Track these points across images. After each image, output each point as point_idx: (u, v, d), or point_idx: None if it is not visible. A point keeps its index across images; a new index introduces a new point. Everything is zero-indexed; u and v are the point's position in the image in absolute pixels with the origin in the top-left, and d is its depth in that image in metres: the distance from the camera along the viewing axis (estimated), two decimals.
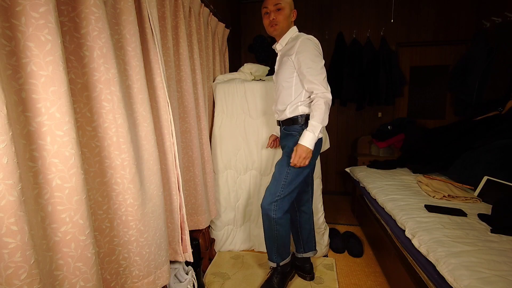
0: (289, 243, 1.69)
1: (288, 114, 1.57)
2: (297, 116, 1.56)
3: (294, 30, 1.59)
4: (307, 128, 1.45)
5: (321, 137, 1.58)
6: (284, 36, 1.59)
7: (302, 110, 1.55)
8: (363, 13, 3.27)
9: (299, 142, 1.46)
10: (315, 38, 1.53)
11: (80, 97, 0.89)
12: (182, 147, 1.70)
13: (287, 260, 1.71)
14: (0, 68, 0.62)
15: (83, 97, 0.89)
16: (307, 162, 1.46)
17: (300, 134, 1.52)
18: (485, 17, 2.86)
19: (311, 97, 1.50)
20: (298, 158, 1.45)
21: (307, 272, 1.82)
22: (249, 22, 3.51)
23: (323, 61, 1.50)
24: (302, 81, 1.51)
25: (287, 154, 1.55)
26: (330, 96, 1.46)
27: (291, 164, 1.48)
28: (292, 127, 1.58)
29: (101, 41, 0.88)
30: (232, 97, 2.10)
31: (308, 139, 1.44)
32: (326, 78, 1.47)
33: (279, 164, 1.59)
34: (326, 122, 1.46)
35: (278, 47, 1.63)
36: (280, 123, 1.67)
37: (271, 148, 1.98)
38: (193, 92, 1.69)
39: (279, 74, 1.61)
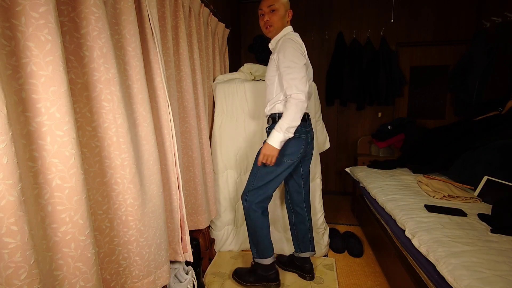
0: (267, 243, 1.67)
1: (268, 111, 1.62)
2: (275, 114, 1.58)
3: (287, 29, 1.59)
4: (275, 127, 1.43)
5: (303, 138, 1.55)
6: (276, 36, 1.61)
7: (278, 108, 1.56)
8: (363, 13, 3.27)
9: (266, 140, 1.47)
10: (298, 38, 1.51)
11: (80, 97, 0.89)
12: (182, 147, 1.70)
13: (267, 261, 1.68)
14: (0, 68, 0.62)
15: (83, 97, 0.89)
16: (273, 161, 1.46)
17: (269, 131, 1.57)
18: (485, 17, 2.86)
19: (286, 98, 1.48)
20: (263, 157, 1.46)
21: (307, 272, 1.82)
22: (249, 22, 3.51)
23: (304, 60, 1.45)
24: (280, 80, 1.50)
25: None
26: (302, 97, 1.38)
27: (258, 164, 1.52)
28: (272, 126, 1.58)
29: (101, 41, 0.88)
30: (232, 97, 2.10)
31: (273, 138, 1.42)
32: (304, 78, 1.41)
33: (255, 159, 1.64)
34: (296, 123, 1.40)
35: (270, 47, 1.66)
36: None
37: None
38: (193, 92, 1.69)
39: (266, 73, 1.64)
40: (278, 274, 1.74)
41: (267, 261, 1.69)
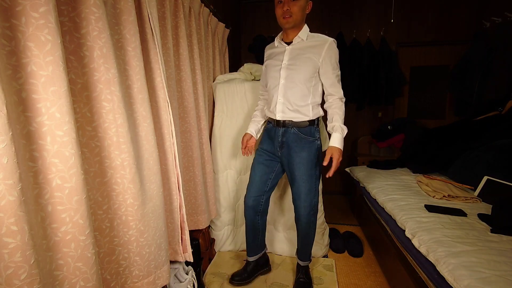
0: None
1: (306, 115, 1.55)
2: (315, 119, 1.57)
3: (307, 29, 1.54)
4: (337, 131, 1.51)
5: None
6: (302, 30, 1.51)
7: (319, 112, 1.59)
8: (363, 13, 3.26)
9: (334, 145, 1.50)
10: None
11: (80, 97, 0.89)
12: (182, 147, 1.70)
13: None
14: (0, 68, 0.62)
15: (83, 97, 0.89)
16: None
17: (315, 137, 1.57)
18: (485, 17, 2.86)
19: (330, 100, 1.56)
20: (337, 162, 1.53)
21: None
22: (249, 22, 3.51)
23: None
24: (324, 83, 1.54)
25: (308, 160, 1.59)
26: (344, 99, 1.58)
27: (332, 173, 1.58)
28: (307, 129, 1.56)
29: (101, 41, 0.88)
30: (232, 97, 2.10)
31: (340, 142, 1.52)
32: None
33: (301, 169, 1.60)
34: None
35: (296, 39, 1.51)
36: (287, 123, 1.56)
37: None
38: (193, 92, 1.69)
39: (296, 69, 1.50)
40: None
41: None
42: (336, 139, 1.50)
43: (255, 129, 1.75)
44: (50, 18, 0.69)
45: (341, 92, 1.55)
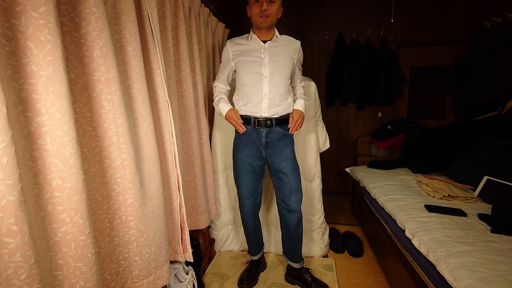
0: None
1: (288, 110, 1.61)
2: (290, 114, 1.62)
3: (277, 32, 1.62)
4: (301, 98, 1.66)
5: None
6: (274, 30, 1.59)
7: (291, 108, 1.64)
8: (363, 13, 3.26)
9: (297, 108, 1.62)
10: None
11: (80, 97, 0.89)
12: (182, 147, 1.70)
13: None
14: (0, 68, 0.62)
15: (83, 97, 0.89)
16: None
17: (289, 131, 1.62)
18: (485, 17, 2.86)
19: (298, 87, 1.73)
20: (299, 118, 1.60)
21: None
22: (249, 22, 3.50)
23: None
24: (295, 78, 1.71)
25: (293, 155, 1.65)
26: None
27: (292, 131, 1.62)
28: (287, 125, 1.61)
29: (101, 41, 0.88)
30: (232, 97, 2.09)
31: (304, 105, 1.64)
32: None
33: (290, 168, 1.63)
34: None
35: (274, 38, 1.57)
36: (272, 121, 1.56)
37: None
38: (193, 92, 1.69)
39: (279, 66, 1.54)
40: None
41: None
42: (299, 103, 1.64)
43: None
44: (50, 18, 0.69)
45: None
